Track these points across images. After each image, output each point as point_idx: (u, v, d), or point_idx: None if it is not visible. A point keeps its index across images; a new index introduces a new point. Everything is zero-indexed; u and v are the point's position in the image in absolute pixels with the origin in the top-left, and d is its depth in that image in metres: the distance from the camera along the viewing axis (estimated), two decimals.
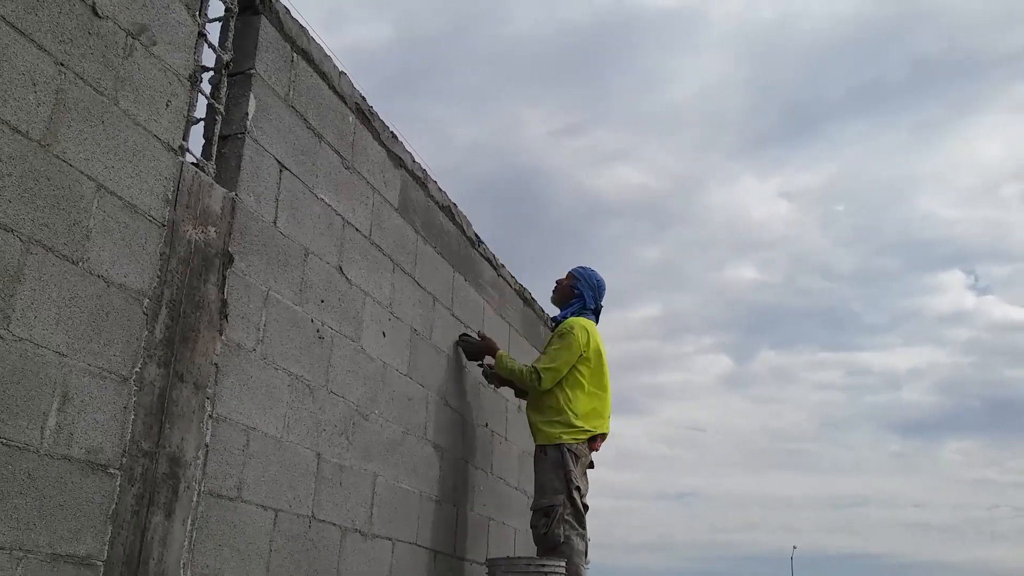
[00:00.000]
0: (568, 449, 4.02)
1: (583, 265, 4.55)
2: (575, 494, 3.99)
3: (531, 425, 4.21)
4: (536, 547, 4.04)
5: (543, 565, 3.80)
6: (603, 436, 4.27)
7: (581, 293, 4.41)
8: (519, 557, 4.38)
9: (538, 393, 4.15)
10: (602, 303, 4.50)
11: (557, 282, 4.55)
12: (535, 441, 4.15)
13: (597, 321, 4.44)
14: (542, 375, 4.08)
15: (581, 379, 4.15)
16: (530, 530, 4.05)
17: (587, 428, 4.11)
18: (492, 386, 4.58)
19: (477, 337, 4.37)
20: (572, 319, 4.29)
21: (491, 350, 4.31)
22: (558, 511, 3.92)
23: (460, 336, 4.31)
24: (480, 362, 4.44)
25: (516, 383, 4.33)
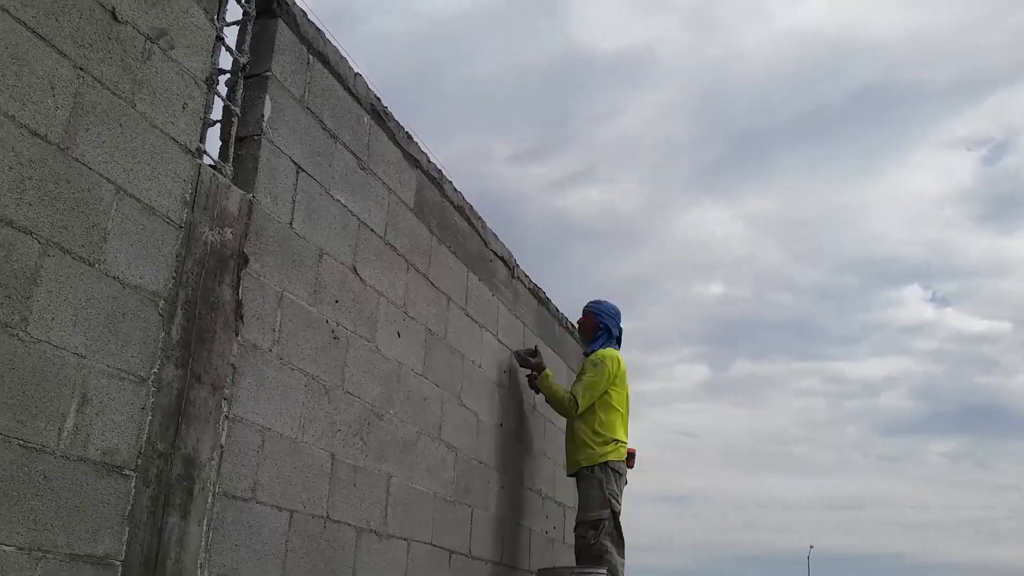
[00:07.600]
0: (611, 468, 4.47)
1: (596, 299, 5.02)
2: (616, 511, 4.44)
3: (577, 447, 4.59)
4: (577, 556, 4.46)
5: (587, 573, 4.14)
6: (633, 452, 4.85)
7: (605, 325, 4.86)
8: (566, 567, 4.64)
9: (578, 418, 4.58)
10: (622, 326, 4.97)
11: (579, 322, 5.05)
12: (581, 463, 4.54)
13: (620, 343, 4.92)
14: (579, 402, 4.53)
15: (611, 402, 4.63)
16: (578, 540, 4.43)
17: (623, 440, 4.63)
18: (536, 393, 4.90)
19: (530, 354, 4.77)
20: (602, 351, 4.74)
21: (539, 367, 4.73)
22: (604, 524, 4.35)
23: (516, 352, 4.73)
24: (529, 372, 4.81)
25: (552, 403, 4.73)
